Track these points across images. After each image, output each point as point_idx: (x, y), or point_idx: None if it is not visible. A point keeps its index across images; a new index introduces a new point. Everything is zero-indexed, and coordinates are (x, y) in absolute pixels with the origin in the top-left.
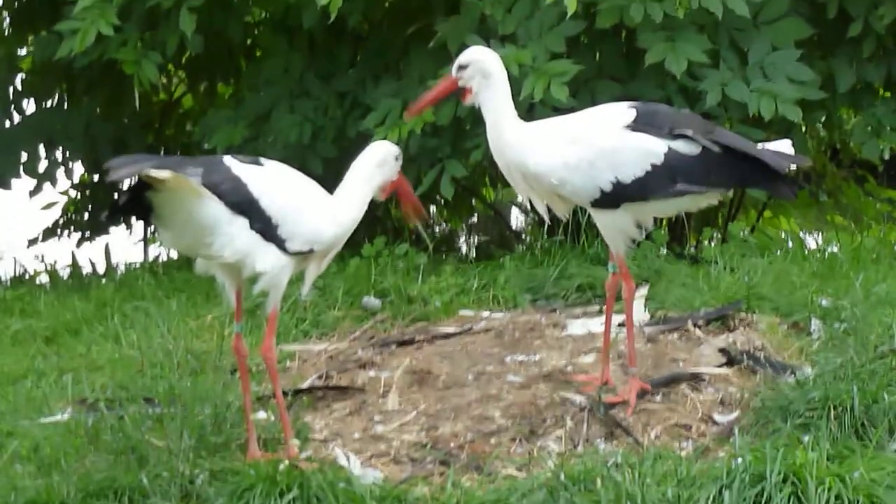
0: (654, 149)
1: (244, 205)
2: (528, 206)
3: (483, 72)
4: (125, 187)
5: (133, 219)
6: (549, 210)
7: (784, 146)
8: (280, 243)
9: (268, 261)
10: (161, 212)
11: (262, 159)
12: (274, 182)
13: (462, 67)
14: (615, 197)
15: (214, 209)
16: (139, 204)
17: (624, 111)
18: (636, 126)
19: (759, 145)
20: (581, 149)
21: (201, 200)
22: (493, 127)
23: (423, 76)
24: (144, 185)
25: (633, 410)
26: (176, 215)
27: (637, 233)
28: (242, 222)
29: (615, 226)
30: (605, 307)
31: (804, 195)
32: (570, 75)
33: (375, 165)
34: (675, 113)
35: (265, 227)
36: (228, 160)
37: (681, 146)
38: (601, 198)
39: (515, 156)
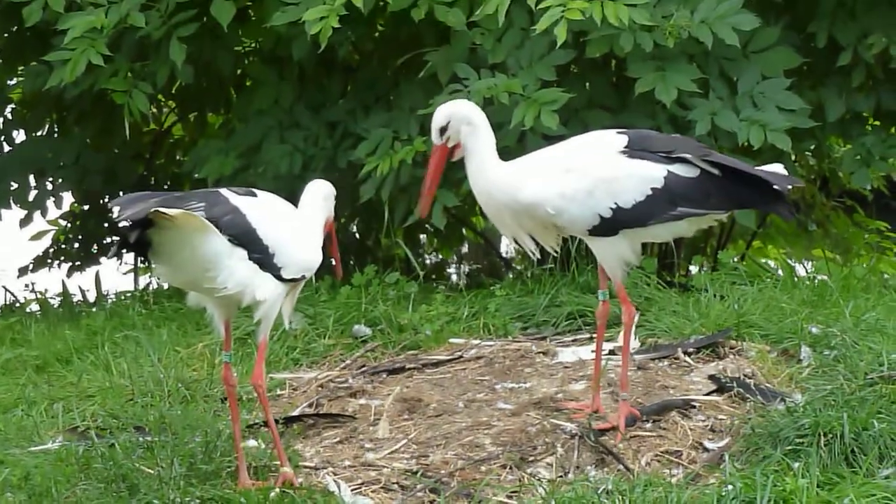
0: (653, 173)
1: (243, 236)
2: (515, 246)
3: (467, 119)
4: (128, 224)
5: (132, 255)
6: (538, 245)
7: (777, 168)
8: (276, 272)
9: (267, 290)
10: (161, 249)
11: (255, 190)
12: (269, 212)
13: (443, 129)
14: (614, 224)
15: (218, 243)
16: (139, 241)
17: (615, 137)
18: (631, 151)
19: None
20: (578, 177)
21: (205, 236)
22: (477, 170)
23: (414, 106)
24: (147, 223)
25: (623, 437)
26: (178, 252)
27: (635, 259)
28: (241, 253)
29: (614, 252)
30: (595, 335)
31: (793, 225)
32: (561, 103)
33: (322, 199)
34: (668, 137)
35: (263, 257)
36: (226, 192)
37: (679, 169)
38: (600, 225)
39: (504, 192)
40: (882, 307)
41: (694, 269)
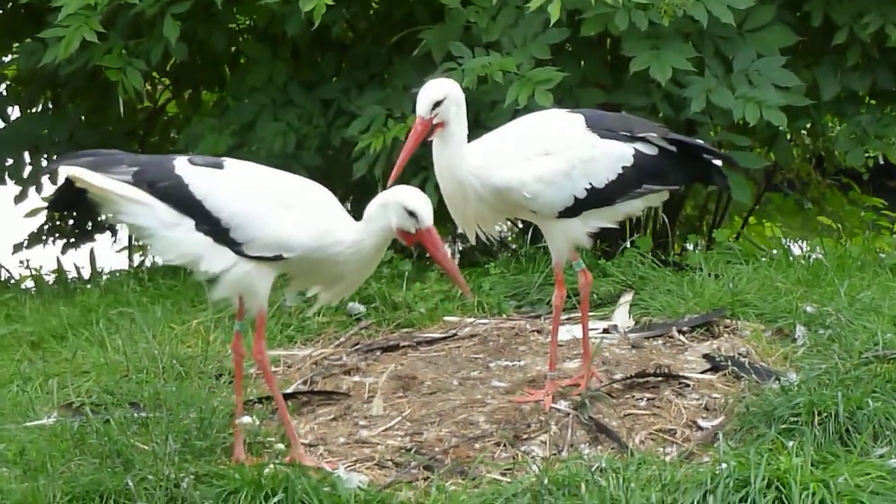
0: (624, 152)
1: (185, 206)
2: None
3: (457, 100)
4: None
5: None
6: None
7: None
8: (235, 247)
9: (218, 263)
10: (104, 210)
11: (226, 160)
12: (227, 184)
13: (438, 104)
14: (584, 204)
15: (143, 212)
16: (82, 201)
17: (572, 116)
18: (598, 131)
19: None
20: (556, 161)
21: (128, 204)
22: (454, 154)
23: (408, 84)
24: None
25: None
26: (117, 216)
27: (587, 242)
28: (189, 224)
29: (569, 234)
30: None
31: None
32: (556, 83)
33: (379, 204)
34: (621, 116)
35: (213, 230)
36: (179, 161)
37: (643, 148)
38: (572, 206)
39: (477, 177)
40: (877, 286)
41: (689, 247)
